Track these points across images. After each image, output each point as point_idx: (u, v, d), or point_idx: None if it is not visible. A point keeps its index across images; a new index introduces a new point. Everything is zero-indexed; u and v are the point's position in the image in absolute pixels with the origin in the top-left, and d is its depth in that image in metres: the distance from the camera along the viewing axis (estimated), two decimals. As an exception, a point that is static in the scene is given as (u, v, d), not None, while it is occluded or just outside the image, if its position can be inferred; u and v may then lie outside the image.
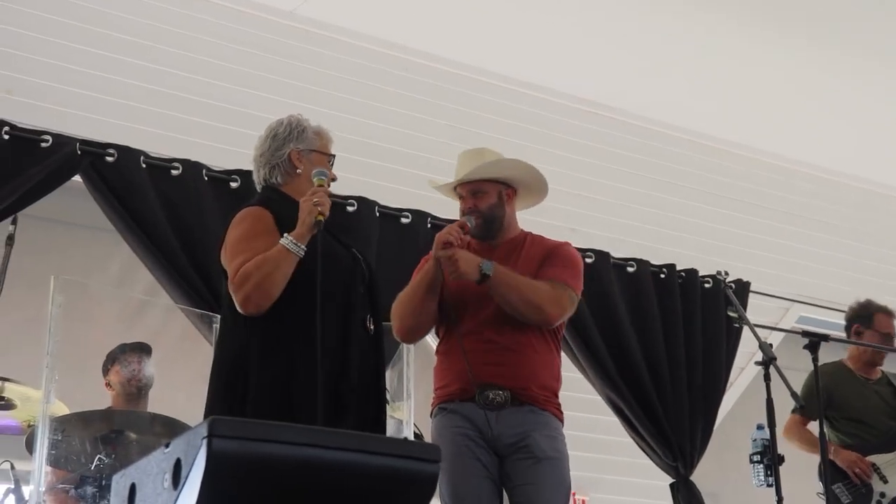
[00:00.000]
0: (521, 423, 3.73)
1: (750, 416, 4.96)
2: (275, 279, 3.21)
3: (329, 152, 3.58)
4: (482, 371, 3.71)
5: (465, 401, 3.75)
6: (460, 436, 3.72)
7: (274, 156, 3.52)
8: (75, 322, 4.65)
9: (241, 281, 3.22)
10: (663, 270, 6.32)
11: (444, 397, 3.84)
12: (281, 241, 3.25)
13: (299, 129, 3.55)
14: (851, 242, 7.78)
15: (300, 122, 3.58)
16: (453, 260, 3.68)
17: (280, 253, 3.23)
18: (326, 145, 3.59)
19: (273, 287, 3.21)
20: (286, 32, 6.01)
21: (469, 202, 3.93)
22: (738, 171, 7.44)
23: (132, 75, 5.46)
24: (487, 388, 3.72)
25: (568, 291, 3.84)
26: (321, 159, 3.54)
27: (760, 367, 4.56)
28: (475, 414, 3.72)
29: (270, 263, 3.22)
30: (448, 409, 3.80)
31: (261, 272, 3.21)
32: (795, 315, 7.32)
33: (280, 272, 3.21)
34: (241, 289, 3.21)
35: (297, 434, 2.53)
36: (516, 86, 6.71)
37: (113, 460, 4.28)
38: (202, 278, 4.91)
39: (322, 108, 5.81)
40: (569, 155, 6.65)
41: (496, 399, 3.72)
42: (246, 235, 3.33)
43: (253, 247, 3.27)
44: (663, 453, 5.97)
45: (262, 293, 3.21)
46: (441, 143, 5.98)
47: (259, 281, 3.20)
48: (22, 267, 4.49)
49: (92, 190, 4.94)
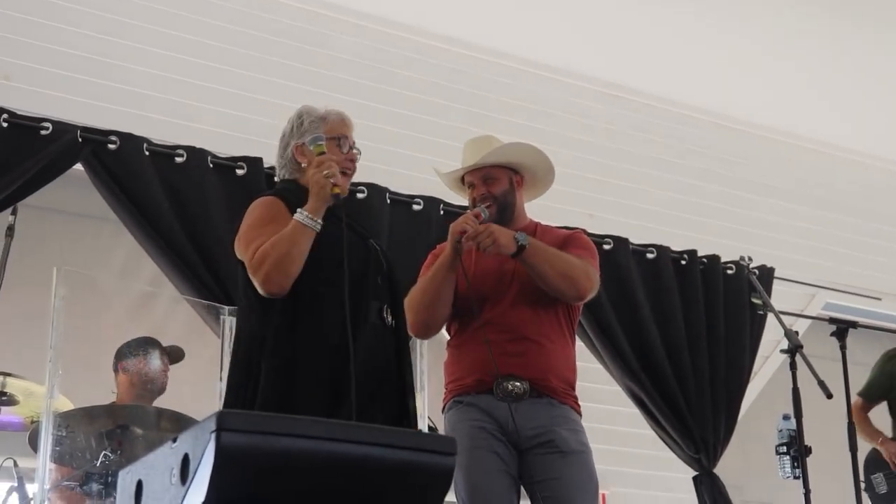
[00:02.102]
0: (541, 415, 3.65)
1: (775, 406, 4.94)
2: (293, 256, 3.15)
3: (332, 135, 3.45)
4: (500, 362, 3.63)
5: (481, 393, 3.68)
6: (477, 429, 3.64)
7: (283, 156, 3.51)
8: (78, 315, 4.56)
9: (260, 261, 3.17)
10: (684, 256, 6.24)
11: (458, 390, 3.75)
12: (295, 216, 3.19)
13: (298, 122, 3.49)
14: (879, 226, 7.68)
15: (301, 115, 3.51)
16: (489, 233, 3.60)
17: (295, 228, 3.17)
18: (331, 129, 3.47)
19: (292, 264, 3.15)
20: (294, 15, 5.95)
21: (481, 189, 3.86)
22: (760, 155, 7.35)
23: (134, 60, 5.40)
24: (506, 379, 3.65)
25: (594, 269, 3.80)
26: (328, 148, 3.42)
27: (786, 355, 4.55)
28: (493, 406, 3.65)
29: (286, 240, 3.16)
30: (464, 401, 3.71)
31: (277, 250, 3.15)
32: (822, 301, 7.23)
33: (297, 248, 3.16)
34: (261, 269, 3.17)
35: (308, 427, 2.47)
36: (532, 68, 6.64)
37: (119, 456, 4.24)
38: (208, 268, 4.85)
39: (331, 93, 5.72)
40: (586, 138, 6.57)
41: (515, 390, 3.64)
42: (258, 222, 3.30)
43: (266, 231, 3.23)
44: (685, 445, 5.91)
45: (282, 271, 3.15)
46: (454, 127, 5.90)
47: (277, 259, 3.14)
48: (23, 259, 4.43)
49: (94, 178, 4.88)
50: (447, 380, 3.84)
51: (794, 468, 4.48)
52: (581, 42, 6.47)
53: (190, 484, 2.34)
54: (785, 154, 7.48)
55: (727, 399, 6.07)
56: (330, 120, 3.48)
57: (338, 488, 2.46)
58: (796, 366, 4.45)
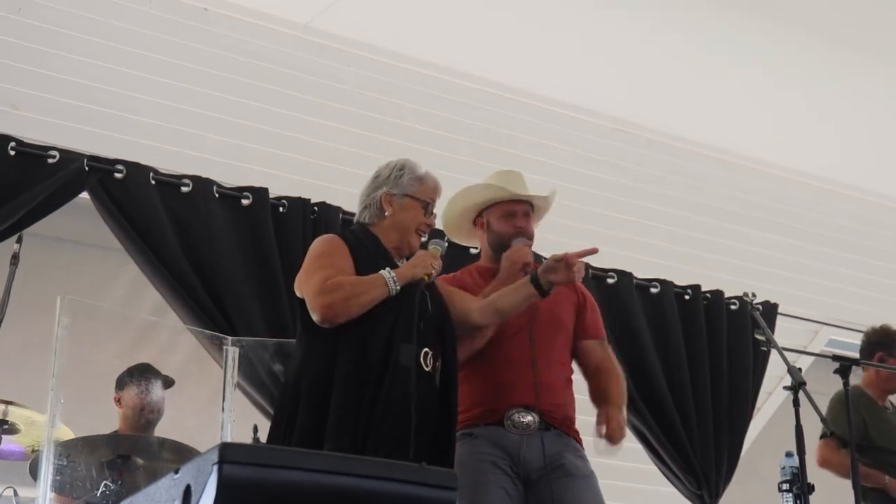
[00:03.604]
0: (550, 446, 3.65)
1: (778, 443, 4.87)
2: (361, 300, 3.27)
3: (423, 198, 3.54)
4: (511, 393, 3.64)
5: (490, 424, 3.66)
6: (486, 463, 3.61)
7: (369, 196, 3.58)
8: (81, 344, 4.56)
9: (331, 288, 3.27)
10: (688, 291, 6.24)
11: (467, 421, 3.70)
12: (383, 272, 3.30)
13: (399, 172, 3.56)
14: (884, 264, 7.65)
15: (403, 166, 3.59)
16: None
17: (377, 280, 3.30)
18: (424, 191, 3.56)
19: (357, 306, 3.27)
20: (299, 45, 5.93)
21: (522, 221, 3.88)
22: (766, 190, 7.32)
23: (141, 90, 5.39)
24: (516, 411, 3.64)
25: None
26: (412, 205, 3.52)
27: (789, 392, 4.45)
28: (503, 438, 3.63)
29: (365, 284, 3.30)
30: (473, 434, 3.67)
31: (353, 288, 3.28)
32: (825, 338, 7.21)
33: (369, 296, 3.28)
34: (329, 294, 3.26)
35: (310, 460, 2.48)
36: (538, 101, 6.62)
37: (119, 486, 4.20)
38: (212, 298, 4.86)
39: (335, 124, 5.76)
40: (591, 173, 6.56)
41: (525, 422, 3.64)
42: (325, 254, 3.40)
43: (335, 263, 3.35)
44: (688, 481, 5.89)
45: (346, 306, 3.26)
46: (459, 160, 5.89)
47: (349, 295, 3.26)
48: (27, 287, 4.40)
49: (99, 207, 4.89)
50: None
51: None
52: (586, 76, 6.46)
53: (192, 516, 2.32)
54: (790, 190, 7.46)
55: (730, 435, 6.06)
56: (425, 183, 3.57)
57: (339, 521, 2.43)
58: (799, 403, 4.40)
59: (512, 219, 3.87)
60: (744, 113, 6.79)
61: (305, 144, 5.62)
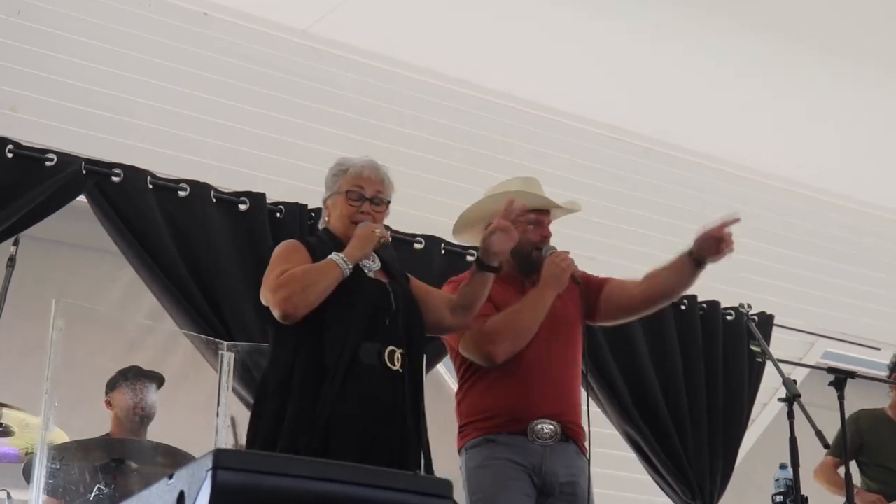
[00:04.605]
0: (570, 463, 3.69)
1: (772, 454, 4.87)
2: (318, 287, 3.25)
3: (346, 189, 3.51)
4: (535, 402, 3.65)
5: (514, 433, 3.65)
6: (510, 469, 3.62)
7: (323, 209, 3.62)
8: (76, 347, 4.56)
9: (285, 282, 3.26)
10: (684, 302, 6.20)
11: (489, 428, 3.70)
12: (331, 255, 3.29)
13: (329, 175, 3.59)
14: (880, 275, 7.64)
15: (330, 171, 3.60)
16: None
17: (328, 265, 3.28)
18: (346, 182, 3.53)
19: (313, 295, 3.24)
20: (298, 51, 5.93)
21: (546, 232, 3.92)
22: (762, 201, 7.31)
23: (140, 94, 5.39)
24: (540, 421, 3.65)
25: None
26: (339, 200, 3.51)
27: (784, 403, 4.45)
28: (527, 448, 3.63)
29: (317, 271, 3.28)
30: (496, 440, 3.67)
31: (307, 276, 3.26)
32: (821, 350, 7.20)
33: (323, 283, 3.25)
34: (284, 288, 3.25)
35: (304, 467, 2.48)
36: (534, 109, 6.62)
37: (112, 490, 4.20)
38: (208, 303, 4.85)
39: (333, 129, 5.76)
40: (588, 181, 6.55)
41: (548, 433, 3.65)
42: (281, 257, 3.41)
43: (290, 260, 3.34)
44: (682, 492, 5.88)
45: (303, 296, 3.23)
46: (455, 166, 5.89)
47: (304, 284, 3.24)
48: (23, 290, 4.41)
49: (96, 211, 4.88)
50: (472, 417, 3.77)
51: (790, 518, 4.43)
52: (585, 85, 6.47)
53: (185, 521, 2.31)
54: (786, 201, 7.46)
55: (724, 445, 6.05)
56: (348, 173, 3.54)
57: (333, 528, 2.43)
58: (794, 415, 4.39)
59: (535, 227, 3.88)
60: (741, 122, 6.80)
61: (303, 150, 5.61)
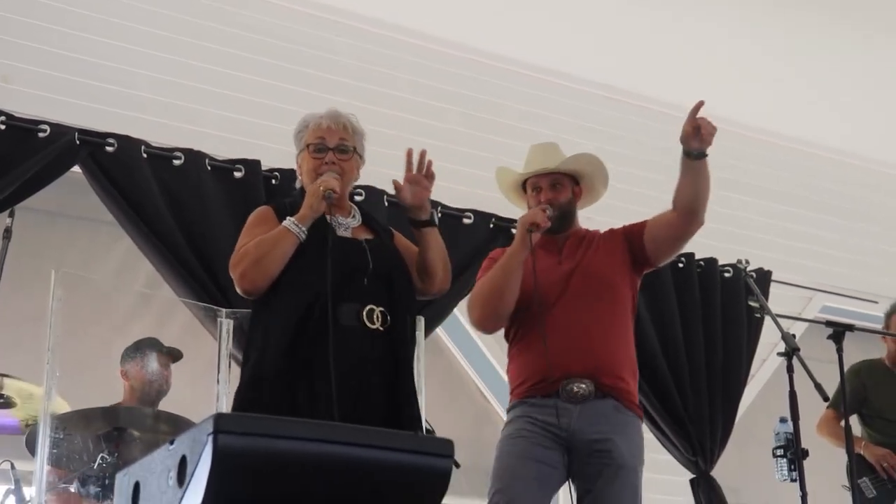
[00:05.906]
0: (604, 420, 3.64)
1: (772, 408, 4.90)
2: (273, 256, 3.22)
3: (308, 142, 3.47)
4: (564, 362, 3.62)
5: (546, 396, 3.65)
6: (531, 423, 3.64)
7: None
8: (76, 317, 4.59)
9: (240, 259, 3.26)
10: (681, 259, 6.21)
11: (524, 394, 3.72)
12: (284, 222, 3.26)
13: (294, 137, 3.54)
14: (877, 230, 7.65)
15: (294, 130, 3.55)
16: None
17: (280, 232, 3.25)
18: (308, 136, 3.49)
19: (270, 265, 3.21)
20: (294, 17, 5.90)
21: (548, 194, 3.91)
22: (758, 157, 7.31)
23: (132, 63, 5.37)
24: (571, 381, 3.63)
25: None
26: (304, 157, 3.47)
27: (783, 358, 4.48)
28: (559, 408, 3.61)
29: (269, 242, 3.24)
30: (528, 402, 3.69)
31: (259, 249, 3.23)
32: (819, 305, 7.21)
33: (278, 250, 3.22)
34: (239, 265, 3.25)
35: (305, 429, 2.48)
36: (532, 71, 6.60)
37: (115, 459, 4.22)
38: (206, 271, 4.85)
39: (330, 95, 5.69)
40: (584, 141, 6.50)
41: (580, 392, 3.63)
42: (246, 230, 3.39)
43: (251, 233, 3.32)
44: (683, 448, 5.91)
45: (259, 269, 3.21)
46: (457, 132, 5.88)
47: (257, 257, 3.22)
48: (20, 261, 4.42)
49: (91, 181, 4.88)
50: (512, 383, 3.81)
51: (790, 471, 4.42)
52: (579, 45, 6.44)
53: (187, 486, 2.33)
54: (782, 157, 7.45)
55: (724, 402, 6.06)
56: (308, 128, 3.51)
57: (335, 490, 2.44)
58: (793, 369, 4.41)
59: (538, 192, 3.92)
60: (735, 80, 6.76)
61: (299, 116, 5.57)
